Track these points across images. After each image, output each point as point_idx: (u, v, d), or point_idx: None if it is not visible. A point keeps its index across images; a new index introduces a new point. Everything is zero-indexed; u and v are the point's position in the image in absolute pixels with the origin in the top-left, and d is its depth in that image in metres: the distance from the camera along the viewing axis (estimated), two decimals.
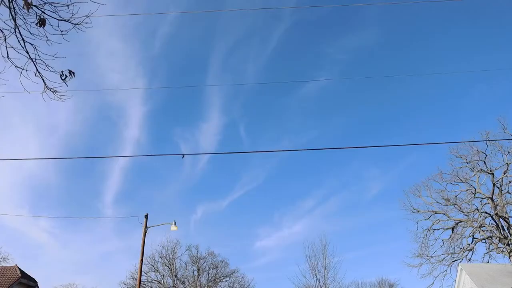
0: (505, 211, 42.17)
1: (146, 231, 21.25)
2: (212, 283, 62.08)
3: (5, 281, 27.11)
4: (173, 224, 22.53)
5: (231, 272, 64.27)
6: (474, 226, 43.11)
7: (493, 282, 30.24)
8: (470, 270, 32.61)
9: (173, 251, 59.67)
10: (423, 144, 45.36)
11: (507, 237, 41.10)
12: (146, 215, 21.51)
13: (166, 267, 58.79)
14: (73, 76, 6.66)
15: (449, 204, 45.35)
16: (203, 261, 62.67)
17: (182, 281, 61.73)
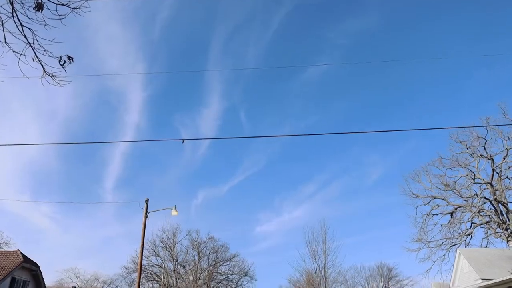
0: (504, 196, 42.36)
1: (146, 216, 21.37)
2: (213, 267, 62.68)
3: (8, 265, 27.36)
4: (174, 209, 22.64)
5: (231, 256, 64.89)
6: (473, 211, 43.35)
7: (491, 267, 30.50)
8: (468, 255, 32.87)
9: (174, 235, 60.15)
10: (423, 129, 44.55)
11: (505, 222, 41.37)
12: (147, 200, 21.61)
13: (167, 252, 59.32)
14: (71, 62, 6.61)
15: (448, 189, 45.52)
16: (204, 246, 63.21)
17: (183, 265, 62.36)
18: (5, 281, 26.39)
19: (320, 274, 42.87)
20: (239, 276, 65.42)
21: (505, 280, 25.34)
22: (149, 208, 21.62)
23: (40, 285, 30.86)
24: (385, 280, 78.10)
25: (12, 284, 27.25)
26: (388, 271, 78.46)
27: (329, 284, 42.97)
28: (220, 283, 64.77)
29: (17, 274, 27.81)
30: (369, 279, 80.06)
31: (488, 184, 43.27)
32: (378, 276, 78.61)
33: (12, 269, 26.95)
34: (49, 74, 6.60)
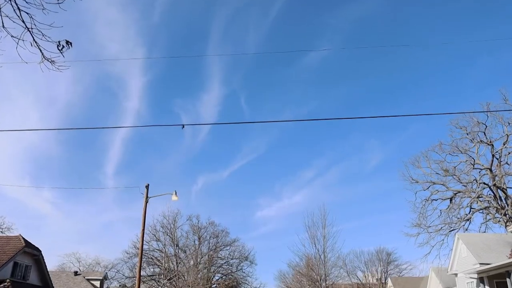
0: (503, 182, 42.50)
1: (147, 201, 21.47)
2: (213, 251, 63.20)
3: (10, 250, 27.59)
4: (174, 194, 22.74)
5: (232, 241, 65.39)
6: (472, 197, 43.56)
7: (489, 251, 30.75)
8: (467, 240, 33.11)
9: (174, 221, 60.47)
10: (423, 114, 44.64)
11: (504, 207, 41.58)
12: (147, 186, 21.69)
13: (167, 237, 59.71)
14: (70, 47, 6.57)
15: (448, 175, 45.65)
16: (204, 231, 63.65)
17: (184, 250, 62.84)
18: (8, 265, 26.64)
19: (320, 259, 43.25)
20: (239, 261, 66.09)
21: (503, 265, 25.59)
22: (150, 193, 21.73)
23: (42, 270, 31.17)
24: (384, 265, 78.79)
25: (14, 268, 27.51)
26: (387, 255, 79.12)
27: (329, 268, 43.41)
28: (220, 268, 65.45)
29: (19, 258, 28.06)
30: (368, 263, 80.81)
31: (487, 170, 43.38)
32: (377, 261, 79.30)
33: (14, 254, 27.19)
34: (48, 59, 6.57)
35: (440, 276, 41.12)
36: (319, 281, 42.59)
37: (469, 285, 31.42)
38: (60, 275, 43.31)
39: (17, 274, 27.79)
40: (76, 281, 41.50)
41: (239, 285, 65.88)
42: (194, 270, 49.42)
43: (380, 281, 75.69)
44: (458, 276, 33.09)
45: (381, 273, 78.12)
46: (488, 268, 27.31)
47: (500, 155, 43.13)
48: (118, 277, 64.60)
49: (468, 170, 44.51)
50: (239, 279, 65.67)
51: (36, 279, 30.29)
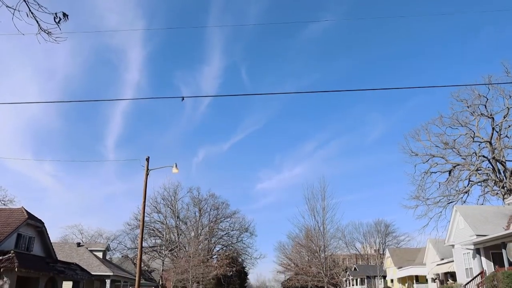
0: (502, 154, 42.67)
1: (147, 173, 21.59)
2: (213, 223, 64.03)
3: (13, 222, 27.92)
4: (174, 166, 22.84)
5: (232, 213, 66.18)
6: (471, 170, 43.80)
7: (486, 223, 31.13)
8: (465, 212, 33.46)
9: (175, 193, 61.05)
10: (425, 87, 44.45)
11: (502, 180, 41.89)
12: (147, 158, 21.76)
13: (168, 209, 60.40)
14: (67, 19, 6.46)
15: (447, 148, 45.79)
16: (205, 203, 64.31)
17: (184, 221, 63.69)
18: (11, 237, 27.02)
19: (319, 230, 43.86)
20: (240, 232, 67.07)
21: (499, 236, 25.94)
22: (150, 166, 21.83)
23: (45, 241, 31.62)
24: (382, 236, 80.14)
25: (18, 240, 27.91)
26: (385, 227, 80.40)
27: (328, 239, 44.06)
28: (221, 239, 66.49)
29: (23, 230, 28.42)
30: (366, 235, 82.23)
31: (487, 143, 43.47)
32: (375, 232, 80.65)
33: (17, 226, 27.52)
34: (44, 30, 6.47)
35: (437, 247, 41.78)
36: (318, 252, 43.30)
37: (465, 256, 31.94)
38: (63, 246, 43.99)
39: (21, 246, 28.21)
40: (79, 252, 42.18)
41: (240, 256, 67.07)
42: (195, 241, 50.16)
43: (378, 252, 77.08)
44: (455, 247, 33.60)
45: (379, 244, 79.54)
46: (484, 240, 27.70)
47: (500, 128, 43.14)
48: (120, 248, 65.72)
49: (468, 143, 44.62)
50: (239, 250, 66.83)
51: (39, 250, 30.78)
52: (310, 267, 46.35)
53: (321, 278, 41.34)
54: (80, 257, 40.41)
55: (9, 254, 24.58)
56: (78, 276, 32.96)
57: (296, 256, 54.96)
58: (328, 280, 41.05)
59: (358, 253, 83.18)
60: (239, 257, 66.54)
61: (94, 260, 41.30)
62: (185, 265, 40.24)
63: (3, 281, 23.79)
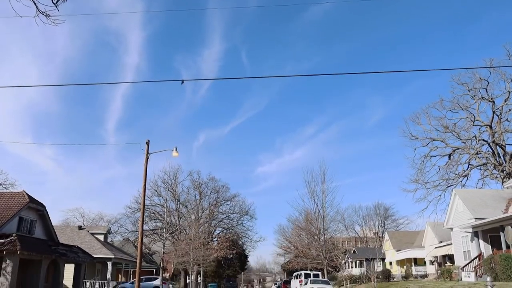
0: (502, 138, 42.68)
1: (148, 157, 21.61)
2: (214, 206, 64.33)
3: (14, 205, 28.07)
4: (174, 150, 22.85)
5: (232, 196, 66.41)
6: (470, 153, 43.86)
7: (484, 207, 31.31)
8: (464, 195, 33.63)
9: (175, 176, 61.20)
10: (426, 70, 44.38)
11: (502, 164, 41.98)
12: (147, 142, 21.76)
13: (168, 192, 60.63)
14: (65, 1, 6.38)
15: (447, 132, 45.77)
16: (205, 186, 64.48)
17: (185, 205, 63.98)
18: (13, 220, 27.20)
19: (319, 213, 44.15)
20: (240, 215, 67.41)
21: (497, 219, 26.12)
22: (151, 150, 21.85)
23: (47, 224, 31.84)
24: (382, 219, 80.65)
25: (20, 223, 28.09)
26: (384, 210, 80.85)
27: (327, 222, 44.36)
28: (221, 222, 66.86)
29: (24, 214, 28.60)
30: (366, 218, 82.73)
31: (487, 127, 43.43)
32: (375, 215, 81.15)
33: (19, 209, 27.68)
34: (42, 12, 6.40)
35: (436, 230, 42.09)
36: (317, 235, 43.65)
37: (463, 239, 32.21)
38: (65, 229, 44.33)
39: (23, 229, 28.42)
40: (81, 235, 42.52)
41: (240, 238, 67.60)
42: (195, 224, 50.52)
43: (377, 235, 77.69)
44: (454, 230, 33.86)
45: (378, 227, 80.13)
46: (483, 223, 27.91)
47: (501, 112, 43.05)
48: (121, 231, 66.18)
49: (468, 127, 44.58)
50: (239, 233, 67.30)
51: (41, 233, 31.01)
52: (310, 250, 46.79)
53: (321, 261, 41.76)
54: (82, 240, 40.75)
55: (11, 237, 24.76)
56: (80, 259, 33.28)
57: (296, 239, 55.43)
58: (327, 262, 41.48)
59: (357, 236, 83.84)
60: (239, 240, 67.07)
61: (96, 243, 41.67)
62: (186, 247, 40.59)
63: (6, 264, 24.03)
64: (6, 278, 23.79)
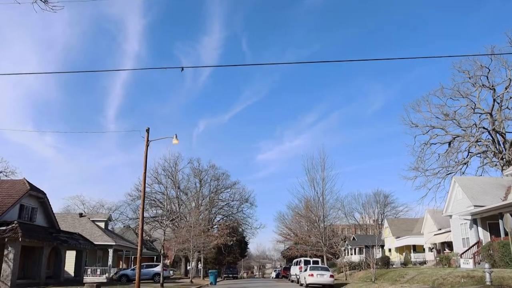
0: (502, 126, 42.65)
1: (148, 144, 21.61)
2: (214, 194, 64.55)
3: (15, 193, 28.17)
4: (174, 137, 22.84)
5: (232, 183, 66.57)
6: (470, 141, 43.87)
7: (484, 194, 31.41)
8: (463, 183, 33.71)
9: (175, 164, 61.29)
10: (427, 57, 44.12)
11: (501, 152, 42.02)
12: (147, 129, 21.73)
13: (169, 179, 60.74)
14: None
15: (447, 119, 45.72)
16: (205, 174, 64.62)
17: (185, 192, 64.19)
18: (14, 208, 27.32)
19: (319, 201, 44.19)
20: (240, 203, 67.66)
21: (496, 207, 26.23)
22: (151, 137, 21.83)
23: (48, 212, 31.99)
24: (381, 207, 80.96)
25: (21, 211, 28.24)
26: (384, 198, 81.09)
27: (327, 210, 44.42)
28: (221, 209, 67.15)
29: (25, 201, 28.72)
30: (365, 205, 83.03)
31: (487, 114, 43.37)
32: (374, 203, 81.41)
33: (20, 197, 27.79)
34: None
35: (435, 217, 42.29)
36: (317, 222, 43.80)
37: (462, 226, 32.39)
38: (66, 217, 44.54)
39: (24, 216, 28.57)
40: (82, 222, 42.74)
41: (240, 226, 67.94)
42: (195, 211, 50.73)
43: (376, 222, 78.08)
44: (453, 218, 34.02)
45: (378, 214, 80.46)
46: (482, 210, 28.02)
47: (502, 99, 42.95)
48: (122, 218, 66.51)
49: (469, 115, 44.52)
50: (239, 220, 67.61)
51: (42, 221, 31.19)
52: (310, 237, 46.99)
53: (320, 248, 41.98)
54: (83, 227, 40.97)
55: (12, 225, 24.91)
56: (81, 246, 33.52)
57: (296, 226, 55.63)
58: (327, 249, 41.70)
59: (357, 223, 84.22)
60: (239, 227, 67.40)
61: (97, 230, 41.90)
62: (186, 235, 40.79)
63: (8, 251, 24.21)
64: (8, 264, 23.99)
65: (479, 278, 20.10)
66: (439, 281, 21.97)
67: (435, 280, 22.46)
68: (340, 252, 43.77)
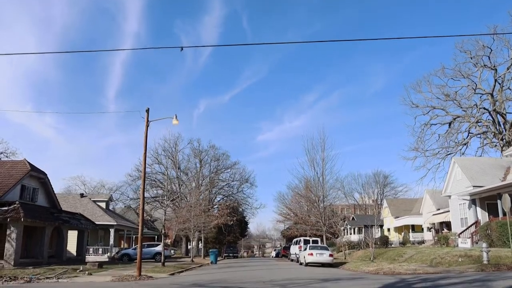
0: (503, 107, 42.54)
1: (148, 125, 21.56)
2: (214, 174, 64.77)
3: (16, 173, 28.28)
4: (174, 118, 22.75)
5: (232, 164, 66.74)
6: (471, 122, 43.82)
7: (483, 175, 31.54)
8: (462, 163, 33.81)
9: (175, 144, 61.36)
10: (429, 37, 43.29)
11: (502, 132, 42.01)
12: (147, 109, 21.64)
13: (169, 160, 60.90)
14: None
15: (448, 100, 45.56)
16: (205, 154, 64.71)
17: (185, 172, 64.41)
18: (16, 188, 27.48)
19: (318, 181, 44.33)
20: (240, 183, 67.93)
21: (495, 187, 26.38)
22: (151, 117, 21.77)
23: (49, 192, 32.18)
24: (381, 187, 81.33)
25: (22, 191, 28.39)
26: (384, 178, 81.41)
27: (327, 190, 44.61)
28: (221, 189, 67.47)
29: (26, 182, 28.86)
30: (365, 185, 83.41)
31: (488, 95, 43.20)
32: (374, 183, 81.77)
33: (21, 177, 27.92)
34: None
35: (434, 198, 42.56)
36: (317, 202, 44.05)
37: (461, 206, 32.61)
38: (67, 197, 44.80)
39: (26, 197, 28.75)
40: (83, 203, 43.02)
41: (240, 206, 68.38)
42: (196, 192, 50.97)
43: (376, 202, 78.58)
44: (452, 198, 34.24)
45: (377, 194, 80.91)
46: (481, 191, 28.19)
47: (503, 80, 42.71)
48: (122, 198, 66.92)
49: (469, 95, 44.34)
50: (239, 200, 68.02)
51: (44, 201, 31.39)
52: (309, 217, 47.32)
53: (320, 227, 42.32)
54: (84, 208, 41.26)
55: (14, 205, 25.09)
56: (83, 226, 33.82)
57: (296, 206, 55.95)
58: (326, 229, 42.04)
59: (356, 204, 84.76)
60: (239, 207, 67.83)
61: (98, 210, 42.21)
62: (187, 214, 41.08)
63: (11, 231, 24.45)
64: (11, 244, 24.26)
65: (477, 257, 20.35)
66: (437, 260, 22.25)
67: (433, 259, 22.75)
68: (340, 232, 44.16)
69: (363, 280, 14.72)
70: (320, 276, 17.53)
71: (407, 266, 21.24)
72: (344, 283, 13.63)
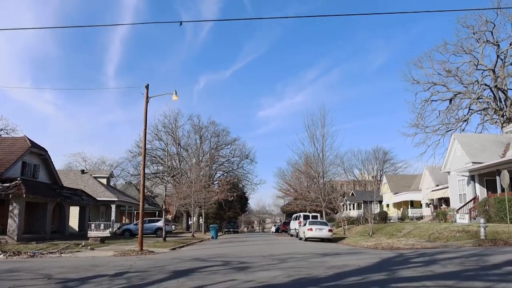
0: (505, 83, 42.30)
1: (147, 101, 21.48)
2: (214, 150, 64.93)
3: (17, 150, 28.34)
4: (174, 94, 22.66)
5: (232, 140, 66.89)
6: (472, 98, 43.64)
7: (483, 151, 31.59)
8: (462, 140, 33.83)
9: (175, 120, 61.32)
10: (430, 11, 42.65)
11: (502, 109, 41.90)
12: (147, 86, 21.54)
13: (169, 136, 60.99)
14: None
15: (449, 76, 45.27)
16: (205, 130, 64.76)
17: (186, 148, 64.59)
18: (17, 165, 27.58)
19: (318, 157, 44.54)
20: (240, 159, 68.25)
21: (494, 163, 26.48)
22: (151, 93, 21.67)
23: (50, 168, 32.31)
24: (380, 163, 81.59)
25: (23, 167, 28.51)
26: (383, 154, 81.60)
27: (327, 166, 44.86)
28: (222, 165, 67.81)
29: (27, 158, 28.94)
30: (365, 162, 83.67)
31: (490, 71, 42.89)
32: (373, 159, 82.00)
33: (21, 154, 27.98)
34: None
35: (433, 174, 42.76)
36: (317, 178, 44.35)
37: (460, 183, 32.79)
38: (68, 173, 45.00)
39: (27, 173, 28.88)
40: (84, 179, 43.25)
41: (240, 181, 68.83)
42: (196, 168, 51.22)
43: (375, 178, 78.97)
44: (451, 174, 34.39)
45: (377, 171, 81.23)
46: (480, 167, 28.30)
47: (505, 55, 42.35)
48: (123, 175, 67.34)
49: (471, 71, 44.05)
50: (240, 176, 68.44)
51: (45, 177, 31.56)
52: (309, 193, 47.69)
53: (320, 203, 42.71)
54: (85, 184, 41.49)
55: (16, 181, 25.23)
56: (84, 202, 34.10)
57: (296, 182, 56.32)
58: (326, 205, 42.43)
59: (356, 180, 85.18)
60: (239, 183, 68.27)
61: (99, 186, 42.47)
62: (187, 190, 41.38)
63: (13, 207, 24.66)
64: (14, 220, 24.51)
65: (474, 233, 20.61)
66: (435, 235, 22.53)
67: (431, 234, 23.03)
68: (339, 208, 44.58)
69: (362, 255, 14.94)
70: (319, 251, 17.79)
71: (406, 241, 21.52)
72: (343, 257, 13.84)
